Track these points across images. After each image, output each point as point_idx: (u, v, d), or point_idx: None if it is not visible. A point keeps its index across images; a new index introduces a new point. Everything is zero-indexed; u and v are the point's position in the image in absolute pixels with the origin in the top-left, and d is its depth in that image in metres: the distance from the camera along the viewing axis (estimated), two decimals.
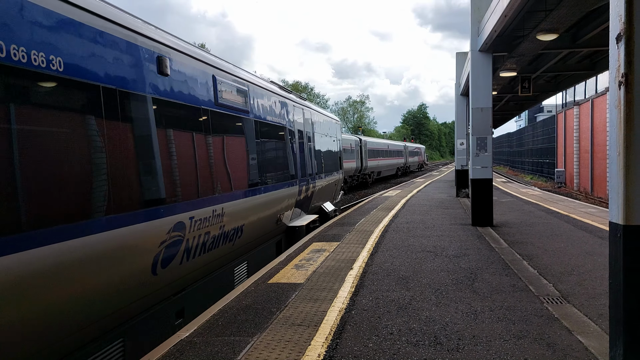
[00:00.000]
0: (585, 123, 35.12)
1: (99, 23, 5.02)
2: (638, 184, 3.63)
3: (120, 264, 5.11)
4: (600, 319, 5.71)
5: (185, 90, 6.80)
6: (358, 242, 10.88)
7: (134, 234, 5.31)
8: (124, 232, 5.11)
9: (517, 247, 10.07)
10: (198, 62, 7.32)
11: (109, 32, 5.17)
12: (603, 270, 7.84)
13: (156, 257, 5.76)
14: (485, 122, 13.22)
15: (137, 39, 5.71)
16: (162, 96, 6.14)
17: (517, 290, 6.97)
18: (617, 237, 3.76)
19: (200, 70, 7.35)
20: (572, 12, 10.73)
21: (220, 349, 5.01)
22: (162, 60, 6.14)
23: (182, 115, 6.82)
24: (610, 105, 3.86)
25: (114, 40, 5.23)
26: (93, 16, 4.93)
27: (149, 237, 5.62)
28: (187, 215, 6.42)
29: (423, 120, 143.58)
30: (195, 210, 6.68)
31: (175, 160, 6.42)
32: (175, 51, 6.62)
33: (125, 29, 5.48)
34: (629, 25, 3.59)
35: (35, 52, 4.13)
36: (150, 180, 5.83)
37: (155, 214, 5.71)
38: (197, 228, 6.71)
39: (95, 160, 4.85)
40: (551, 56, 17.99)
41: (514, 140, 78.40)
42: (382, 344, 5.07)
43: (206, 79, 7.52)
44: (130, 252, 5.28)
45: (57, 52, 4.39)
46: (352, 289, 7.08)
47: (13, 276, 3.80)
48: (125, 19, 5.59)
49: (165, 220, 5.92)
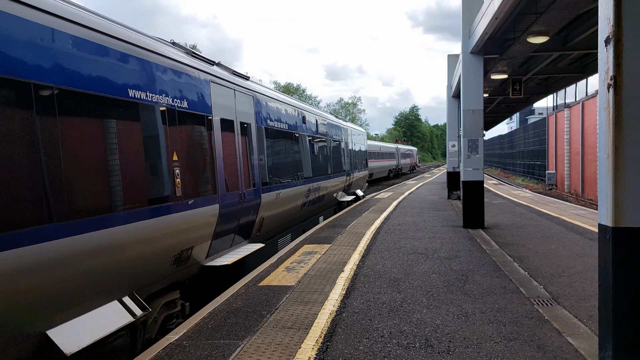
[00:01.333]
0: (576, 125, 35.36)
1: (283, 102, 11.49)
2: (627, 186, 3.64)
3: (296, 202, 13.25)
4: (590, 320, 5.73)
5: (322, 130, 16.87)
6: (350, 244, 10.86)
7: (301, 188, 13.43)
8: (301, 187, 13.51)
9: (508, 249, 10.10)
10: (329, 120, 18.32)
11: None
12: (593, 271, 7.87)
13: (303, 202, 13.99)
14: (476, 124, 13.26)
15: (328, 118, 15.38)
16: (312, 135, 15.31)
17: (508, 292, 6.98)
18: (606, 239, 3.76)
19: (325, 123, 17.72)
20: (563, 14, 10.79)
21: (210, 352, 4.97)
22: (317, 119, 16.18)
23: (324, 140, 17.06)
24: (599, 107, 3.87)
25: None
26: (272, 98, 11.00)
27: (301, 192, 13.60)
28: (310, 185, 14.54)
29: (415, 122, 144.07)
30: (312, 184, 14.79)
31: (311, 160, 14.81)
32: (331, 125, 17.76)
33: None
34: (617, 28, 3.60)
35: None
36: (305, 168, 14.15)
37: (304, 182, 13.87)
38: (313, 191, 14.94)
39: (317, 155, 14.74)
40: (542, 59, 18.09)
41: (505, 142, 78.81)
42: (373, 346, 5.06)
43: (327, 125, 17.98)
44: (297, 196, 13.15)
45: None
46: (343, 292, 7.06)
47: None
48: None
49: (305, 186, 14.02)
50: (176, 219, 6.68)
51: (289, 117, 12.86)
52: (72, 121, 4.99)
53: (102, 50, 5.51)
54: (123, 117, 5.81)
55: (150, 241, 6.13)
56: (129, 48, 5.98)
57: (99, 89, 5.36)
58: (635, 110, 3.60)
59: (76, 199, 4.91)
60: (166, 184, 6.55)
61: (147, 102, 6.22)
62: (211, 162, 7.93)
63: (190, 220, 7.07)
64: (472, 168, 13.28)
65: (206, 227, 7.69)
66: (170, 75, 6.92)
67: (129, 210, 5.69)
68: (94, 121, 5.36)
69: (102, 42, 5.51)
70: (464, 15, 13.65)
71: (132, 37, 6.18)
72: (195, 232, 7.32)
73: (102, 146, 5.42)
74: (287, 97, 14.56)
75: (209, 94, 8.11)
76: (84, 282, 5.05)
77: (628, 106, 3.61)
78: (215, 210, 7.92)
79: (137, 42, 6.22)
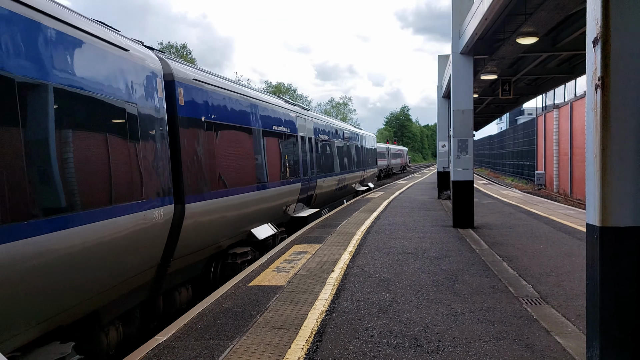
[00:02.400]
0: (565, 126, 35.62)
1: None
2: (614, 186, 3.67)
3: (332, 187, 20.21)
4: (578, 319, 5.77)
5: (346, 137, 24.51)
6: (340, 244, 10.86)
7: (335, 178, 20.79)
8: (335, 177, 20.92)
9: (497, 249, 10.15)
10: (350, 129, 26.77)
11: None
12: (581, 271, 7.92)
13: (336, 187, 21.21)
14: (466, 124, 13.31)
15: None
16: (341, 142, 22.90)
17: (497, 291, 7.01)
18: (594, 239, 3.79)
19: (348, 132, 25.63)
20: (552, 15, 10.87)
21: (199, 353, 4.95)
22: (344, 130, 24.41)
23: (348, 145, 24.44)
24: (587, 108, 3.90)
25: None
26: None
27: (335, 180, 20.78)
28: (339, 176, 21.70)
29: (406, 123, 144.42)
30: (341, 175, 22.05)
31: (339, 159, 21.86)
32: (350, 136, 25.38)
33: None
34: (605, 29, 3.63)
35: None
36: (337, 165, 21.23)
37: (336, 174, 21.03)
38: (341, 180, 22.10)
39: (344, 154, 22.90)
40: (531, 59, 18.22)
41: (495, 142, 79.21)
42: (363, 346, 5.05)
43: (349, 133, 25.75)
44: (332, 183, 20.24)
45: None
46: (333, 292, 7.05)
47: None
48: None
49: (337, 176, 21.17)
50: (288, 187, 13.65)
51: (329, 130, 20.90)
52: (270, 141, 12.35)
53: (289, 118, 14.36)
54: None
55: (283, 195, 13.13)
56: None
57: (282, 130, 13.88)
58: (622, 111, 3.63)
59: (272, 173, 12.18)
60: (288, 170, 13.79)
61: (279, 131, 13.29)
62: (296, 160, 14.78)
63: (290, 189, 13.83)
64: (462, 168, 13.34)
65: (295, 194, 14.37)
66: (284, 116, 13.92)
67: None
68: (274, 141, 12.71)
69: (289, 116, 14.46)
70: (454, 16, 13.71)
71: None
72: (291, 196, 13.96)
73: (279, 151, 13.11)
74: (326, 117, 23.99)
75: (296, 123, 15.13)
76: (260, 214, 11.48)
77: (615, 107, 3.64)
78: (298, 186, 14.71)
79: (278, 104, 13.88)
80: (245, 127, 10.72)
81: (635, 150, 3.63)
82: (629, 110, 3.62)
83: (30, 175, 4.47)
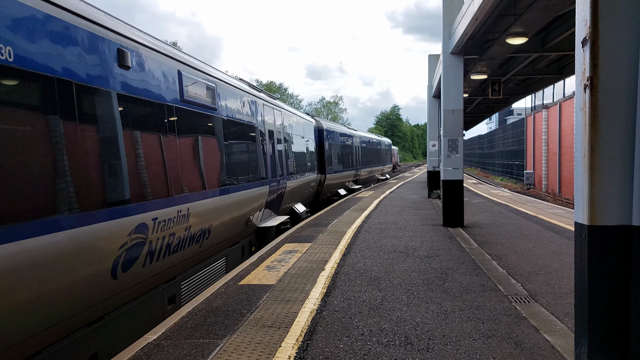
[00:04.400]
0: (554, 126, 35.91)
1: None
2: (602, 185, 3.70)
3: (347, 179, 27.57)
4: (567, 317, 5.82)
5: (369, 140, 38.14)
6: (330, 243, 10.87)
7: (350, 172, 29.05)
8: (351, 171, 28.96)
9: (487, 248, 10.21)
10: (369, 137, 40.13)
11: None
12: (569, 269, 8.00)
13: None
14: (456, 123, 13.38)
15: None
16: (362, 145, 33.74)
17: (486, 289, 7.06)
18: (582, 237, 3.82)
19: (368, 138, 38.87)
20: (541, 16, 10.96)
21: (188, 351, 4.93)
22: (361, 137, 34.75)
23: (369, 148, 37.15)
24: (576, 108, 3.93)
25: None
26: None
27: (350, 174, 28.46)
28: (359, 170, 31.57)
29: (396, 122, 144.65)
30: (361, 170, 32.32)
31: (362, 156, 32.58)
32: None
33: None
34: (594, 29, 3.66)
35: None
36: (359, 161, 31.49)
37: (353, 169, 29.54)
38: (363, 174, 33.07)
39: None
40: (521, 60, 18.34)
41: (484, 142, 79.66)
42: (353, 344, 5.07)
43: (368, 139, 38.37)
44: (347, 176, 27.74)
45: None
46: (324, 290, 7.06)
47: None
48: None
49: (353, 170, 29.33)
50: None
51: (346, 136, 27.49)
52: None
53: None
54: (378, 149, 42.19)
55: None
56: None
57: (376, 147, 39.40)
58: (611, 111, 3.66)
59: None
60: (379, 162, 38.66)
61: (378, 147, 37.53)
62: (381, 157, 34.17)
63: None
64: (452, 167, 13.41)
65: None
66: (380, 143, 39.54)
67: (377, 165, 41.25)
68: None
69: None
70: (444, 16, 13.76)
71: (372, 136, 39.42)
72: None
73: (374, 154, 36.46)
74: (347, 127, 31.30)
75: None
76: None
77: (604, 107, 3.67)
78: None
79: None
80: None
81: (623, 150, 3.66)
82: (617, 111, 3.65)
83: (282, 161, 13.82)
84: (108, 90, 5.69)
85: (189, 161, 7.92)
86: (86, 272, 5.14)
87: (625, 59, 3.63)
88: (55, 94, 4.73)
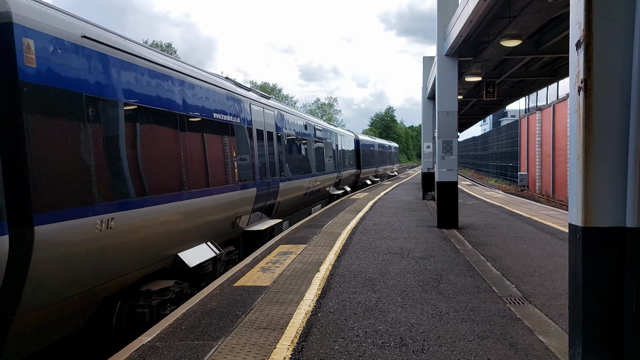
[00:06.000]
0: (547, 128, 36.06)
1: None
2: (596, 186, 3.72)
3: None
4: (561, 318, 5.84)
5: (383, 146, 52.10)
6: (325, 244, 10.87)
7: (373, 168, 42.41)
8: (373, 168, 42.77)
9: (481, 249, 10.24)
10: (383, 142, 54.52)
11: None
12: (563, 271, 8.03)
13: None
14: (451, 125, 13.41)
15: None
16: (380, 150, 48.60)
17: (481, 291, 7.08)
18: (576, 239, 3.84)
19: (383, 144, 53.87)
20: (535, 19, 11.00)
21: (183, 353, 4.91)
22: (379, 144, 49.04)
23: (383, 151, 50.72)
24: (570, 110, 3.95)
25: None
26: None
27: (372, 170, 41.98)
28: (378, 167, 45.82)
29: (391, 124, 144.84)
30: (379, 167, 47.10)
31: (380, 158, 47.14)
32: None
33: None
34: (588, 32, 3.68)
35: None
36: (378, 161, 45.78)
37: (375, 166, 43.39)
38: (381, 170, 47.87)
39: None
40: (515, 62, 18.41)
41: (479, 143, 79.93)
42: (348, 346, 5.07)
43: (381, 144, 50.89)
44: (370, 172, 41.11)
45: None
46: (318, 292, 7.05)
47: None
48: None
49: (375, 167, 43.87)
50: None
51: (370, 144, 40.37)
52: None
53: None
54: (390, 152, 57.72)
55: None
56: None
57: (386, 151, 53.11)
58: (604, 113, 3.68)
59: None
60: (388, 163, 53.42)
61: (389, 150, 55.90)
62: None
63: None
64: (447, 169, 13.44)
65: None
66: (389, 147, 55.93)
67: (389, 164, 56.29)
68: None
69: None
70: (439, 18, 13.79)
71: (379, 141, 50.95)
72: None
73: (387, 156, 52.20)
74: (370, 137, 44.95)
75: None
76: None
77: (598, 109, 3.69)
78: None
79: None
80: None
81: (617, 152, 3.68)
82: (611, 113, 3.67)
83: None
84: (377, 150, 26.41)
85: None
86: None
87: (619, 61, 3.65)
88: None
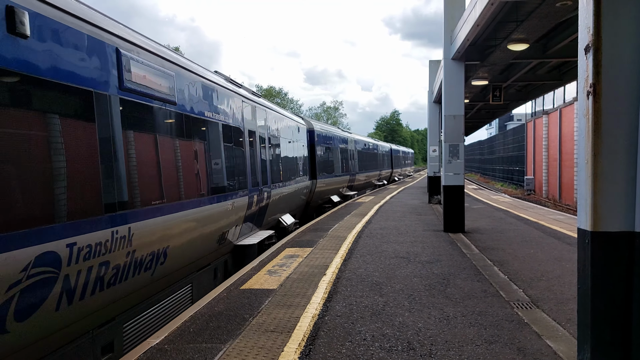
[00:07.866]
0: (554, 132, 35.94)
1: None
2: (606, 191, 3.72)
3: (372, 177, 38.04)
4: (569, 323, 5.82)
5: (395, 151, 58.87)
6: (331, 248, 10.87)
7: (376, 172, 40.68)
8: (376, 172, 40.66)
9: (488, 253, 10.22)
10: (392, 146, 56.71)
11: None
12: (571, 275, 8.00)
13: (382, 176, 42.42)
14: (457, 129, 13.40)
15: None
16: (391, 154, 53.91)
17: (488, 295, 7.06)
18: (585, 243, 3.83)
19: (394, 148, 58.93)
20: (542, 23, 10.99)
21: (191, 356, 4.93)
22: (386, 147, 51.35)
23: (395, 155, 56.58)
24: (579, 114, 3.95)
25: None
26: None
27: (376, 173, 40.44)
28: (386, 170, 47.96)
29: (396, 127, 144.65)
30: (394, 169, 53.92)
31: (392, 161, 52.04)
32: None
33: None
34: (597, 37, 3.68)
35: None
36: (388, 164, 49.61)
37: (379, 169, 42.57)
38: (397, 170, 58.08)
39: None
40: (522, 66, 18.38)
41: (485, 147, 79.69)
42: (356, 349, 5.07)
43: (391, 149, 54.76)
44: (373, 175, 39.73)
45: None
46: (325, 295, 7.06)
47: None
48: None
49: (378, 171, 41.89)
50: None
51: (397, 151, 56.41)
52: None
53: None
54: (403, 157, 67.61)
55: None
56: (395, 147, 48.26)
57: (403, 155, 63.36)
58: (614, 118, 3.68)
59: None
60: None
61: (405, 154, 68.93)
62: (397, 162, 48.58)
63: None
64: (453, 173, 13.42)
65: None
66: (392, 151, 55.17)
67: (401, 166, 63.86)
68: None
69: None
70: (445, 22, 13.80)
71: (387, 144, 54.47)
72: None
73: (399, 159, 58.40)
74: (395, 145, 61.35)
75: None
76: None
77: (607, 113, 3.69)
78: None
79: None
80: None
81: (626, 157, 3.68)
82: (620, 117, 3.67)
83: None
84: (386, 153, 31.18)
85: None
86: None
87: (629, 65, 3.65)
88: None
